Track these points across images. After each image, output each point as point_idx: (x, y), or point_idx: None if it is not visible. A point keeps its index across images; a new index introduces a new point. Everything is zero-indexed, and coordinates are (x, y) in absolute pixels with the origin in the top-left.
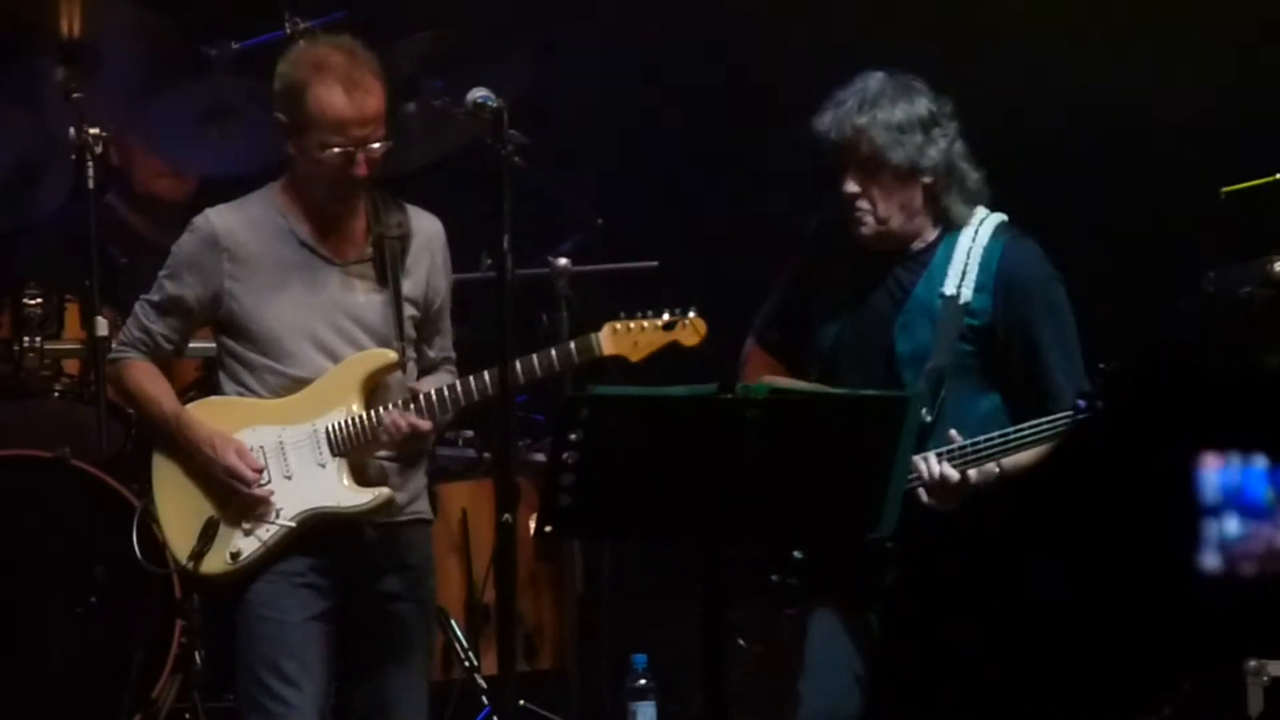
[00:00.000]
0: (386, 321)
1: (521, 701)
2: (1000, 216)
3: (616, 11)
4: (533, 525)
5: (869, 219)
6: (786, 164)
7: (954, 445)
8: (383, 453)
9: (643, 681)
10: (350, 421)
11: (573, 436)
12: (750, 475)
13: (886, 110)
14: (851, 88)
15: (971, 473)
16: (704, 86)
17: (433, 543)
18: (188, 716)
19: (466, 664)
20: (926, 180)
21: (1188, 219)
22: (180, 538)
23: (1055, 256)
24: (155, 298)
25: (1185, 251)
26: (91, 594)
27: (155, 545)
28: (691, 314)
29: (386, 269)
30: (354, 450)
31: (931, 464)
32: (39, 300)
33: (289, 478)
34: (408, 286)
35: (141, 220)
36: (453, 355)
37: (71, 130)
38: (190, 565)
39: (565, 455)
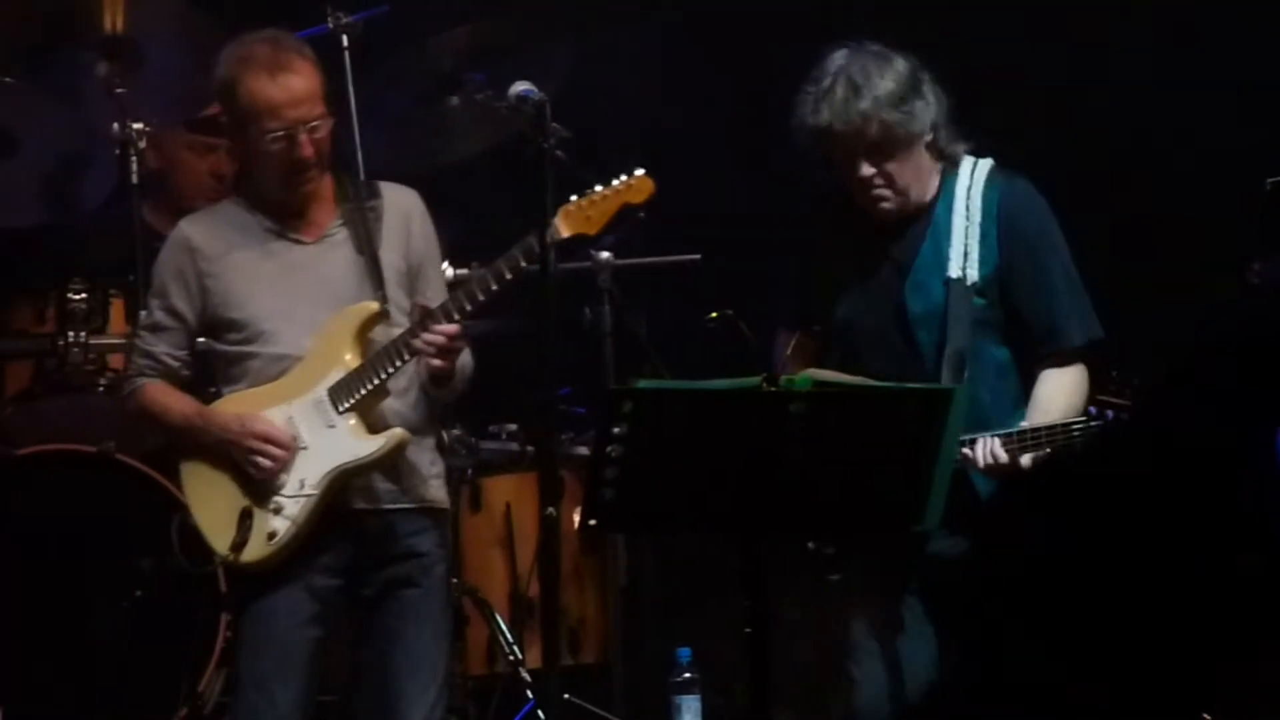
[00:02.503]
0: (364, 285)
1: (565, 695)
2: (988, 162)
3: (659, 3)
4: (577, 519)
5: (889, 194)
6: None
7: (1012, 430)
8: (395, 403)
9: (687, 675)
10: (349, 377)
11: (616, 430)
12: (793, 468)
13: (878, 87)
14: (827, 72)
15: (1025, 459)
16: (749, 78)
17: (476, 536)
18: None
19: (510, 658)
20: (928, 138)
21: (1233, 210)
22: (219, 535)
23: (1103, 249)
24: (148, 321)
25: (1231, 242)
26: (137, 588)
27: (197, 545)
28: (639, 172)
29: (359, 238)
30: (360, 402)
31: (988, 447)
32: (83, 295)
33: (304, 449)
34: (385, 252)
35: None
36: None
37: (115, 125)
38: (233, 557)
39: (609, 449)
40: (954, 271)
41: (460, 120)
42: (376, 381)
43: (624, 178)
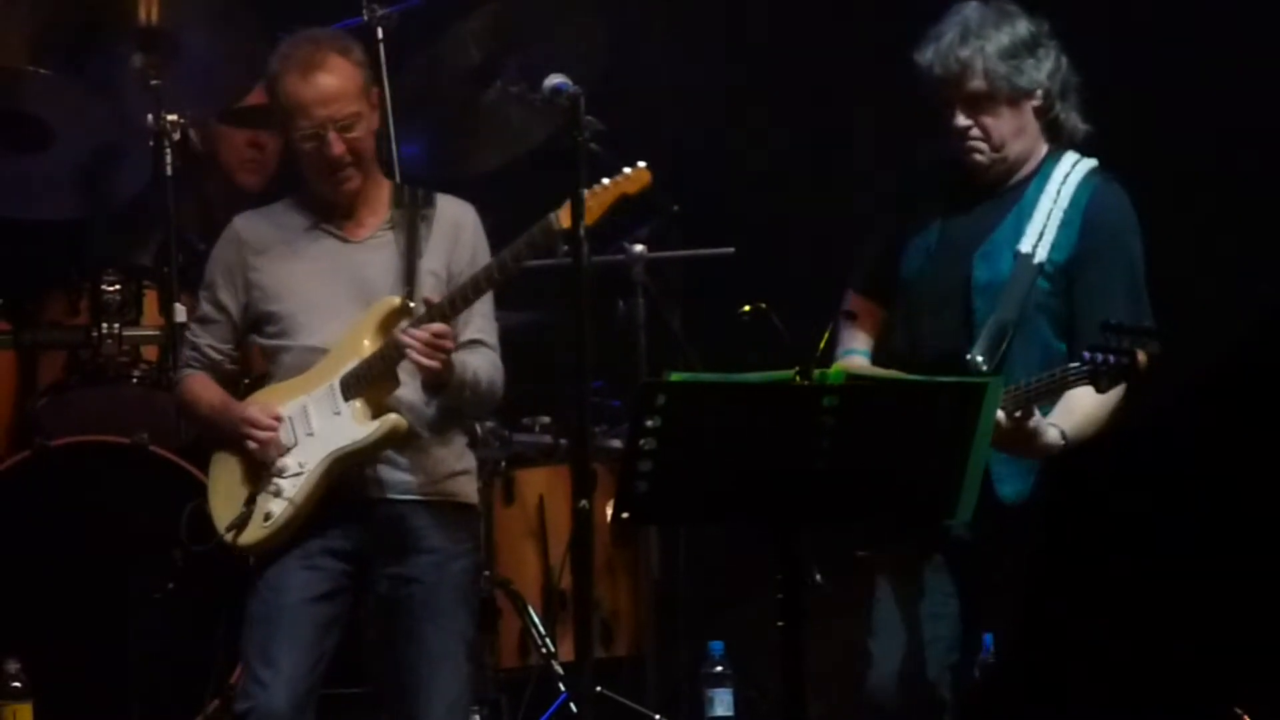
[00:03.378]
0: (399, 287)
1: (598, 688)
2: (1092, 162)
3: None
4: (609, 511)
5: (984, 147)
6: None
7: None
8: (409, 395)
9: (720, 668)
10: (359, 366)
11: (650, 423)
12: (826, 461)
13: (989, 38)
14: (948, 20)
15: (1033, 422)
16: (782, 71)
17: (509, 528)
18: None
19: (543, 650)
20: (1036, 102)
21: None
22: (225, 520)
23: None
24: (198, 314)
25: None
26: (170, 579)
27: (207, 531)
28: (640, 164)
29: (403, 242)
30: (366, 390)
31: None
32: (117, 287)
33: (311, 435)
34: (427, 259)
35: (221, 209)
36: (488, 341)
37: (150, 117)
38: (230, 537)
39: (642, 442)
40: (1025, 246)
41: (495, 117)
42: (379, 369)
43: (625, 170)
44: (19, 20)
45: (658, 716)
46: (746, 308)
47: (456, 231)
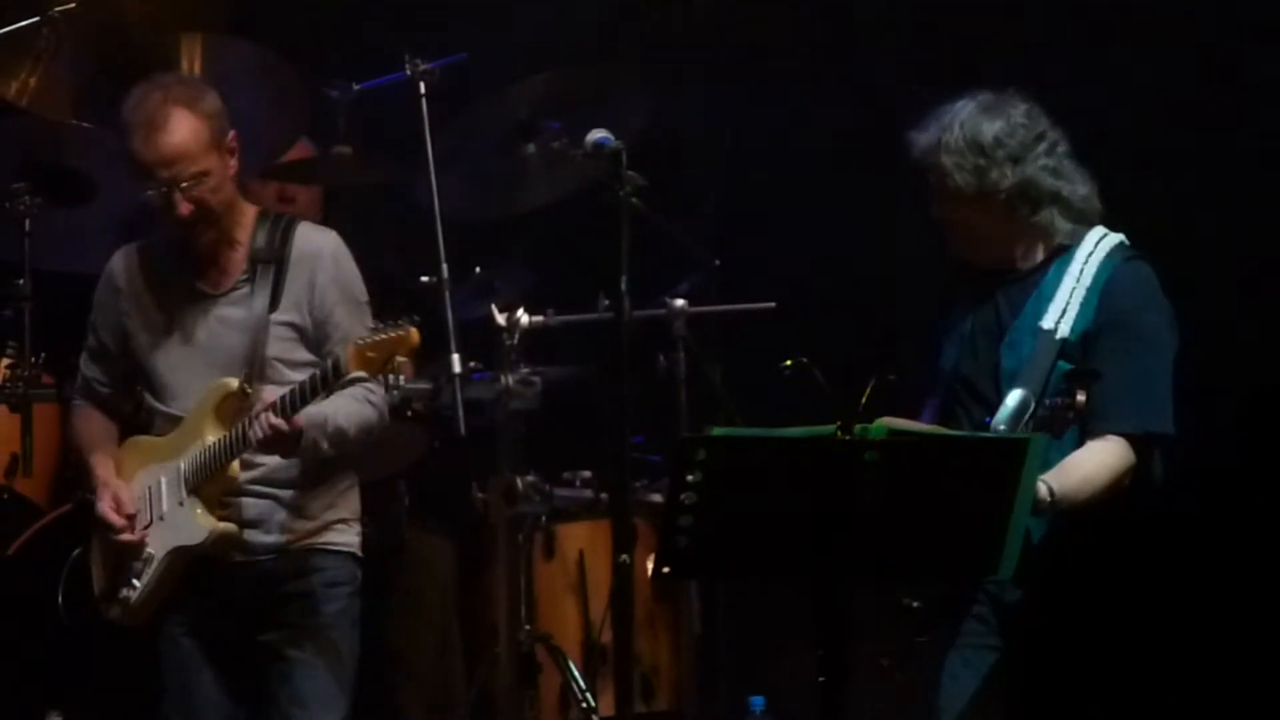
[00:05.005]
0: (251, 352)
1: None
2: (1118, 238)
3: (733, 51)
4: (650, 566)
5: (958, 242)
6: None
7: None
8: (250, 484)
9: None
10: (200, 453)
11: (690, 478)
12: (868, 516)
13: (954, 134)
14: (943, 109)
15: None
16: (823, 124)
17: (549, 583)
18: None
19: (583, 705)
20: (1003, 203)
21: None
22: (98, 581)
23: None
24: (88, 344)
25: None
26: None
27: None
28: (410, 326)
29: (256, 297)
30: (205, 485)
31: None
32: None
33: (161, 518)
34: (282, 310)
35: None
36: (364, 376)
37: None
38: (101, 607)
39: (683, 496)
40: (1047, 324)
41: (536, 168)
42: (218, 461)
43: (399, 323)
44: (61, 74)
45: None
46: (788, 362)
47: (312, 274)
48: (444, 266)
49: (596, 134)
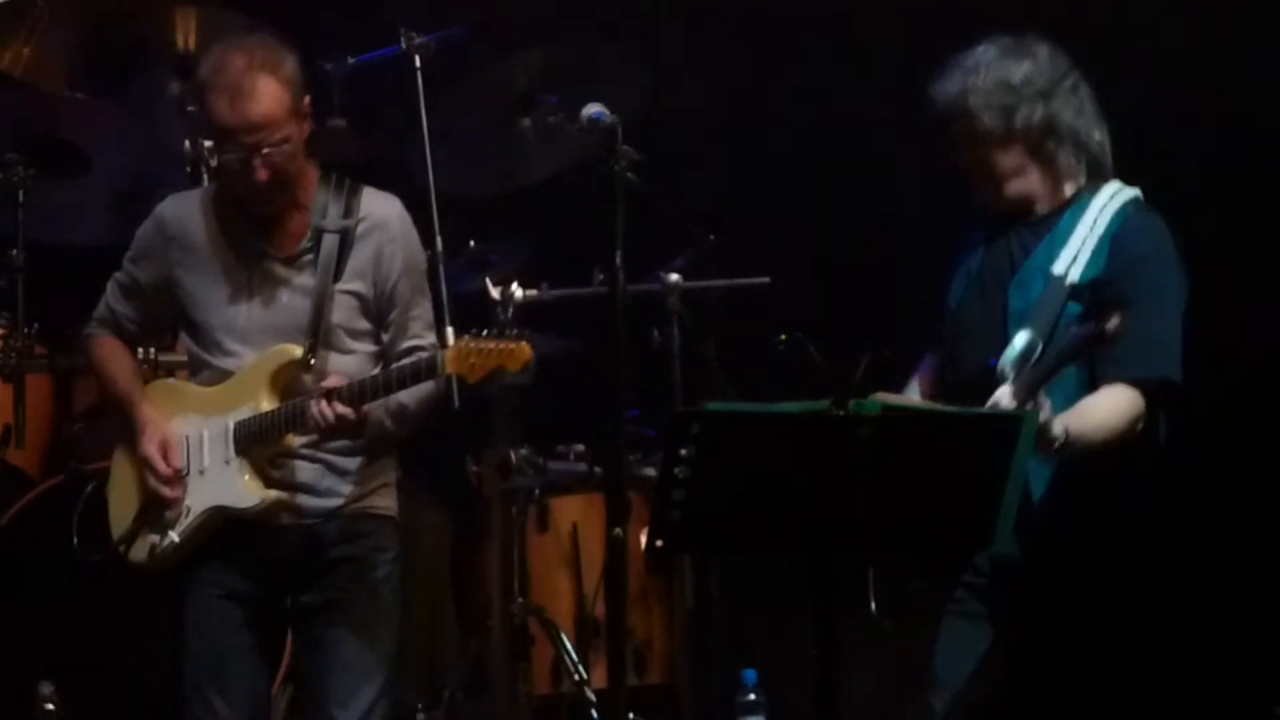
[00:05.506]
0: (308, 337)
1: (631, 715)
2: (1134, 191)
3: (728, 26)
4: (643, 540)
5: (986, 185)
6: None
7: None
8: (304, 448)
9: (753, 696)
10: (254, 419)
11: (684, 452)
12: (861, 491)
13: (979, 77)
14: (963, 55)
15: (1043, 415)
16: (817, 102)
17: (543, 556)
18: None
19: (576, 677)
20: (1028, 142)
21: None
22: (119, 520)
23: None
24: (121, 278)
25: None
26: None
27: (101, 522)
28: (522, 340)
29: (319, 264)
30: (256, 448)
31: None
32: None
33: (202, 473)
34: (346, 280)
35: None
36: (424, 344)
37: (186, 143)
38: (121, 549)
39: (677, 470)
40: (1058, 269)
41: (532, 142)
42: (273, 430)
43: (511, 335)
44: (55, 46)
45: None
46: (783, 337)
47: (380, 240)
48: (438, 240)
49: (592, 108)
